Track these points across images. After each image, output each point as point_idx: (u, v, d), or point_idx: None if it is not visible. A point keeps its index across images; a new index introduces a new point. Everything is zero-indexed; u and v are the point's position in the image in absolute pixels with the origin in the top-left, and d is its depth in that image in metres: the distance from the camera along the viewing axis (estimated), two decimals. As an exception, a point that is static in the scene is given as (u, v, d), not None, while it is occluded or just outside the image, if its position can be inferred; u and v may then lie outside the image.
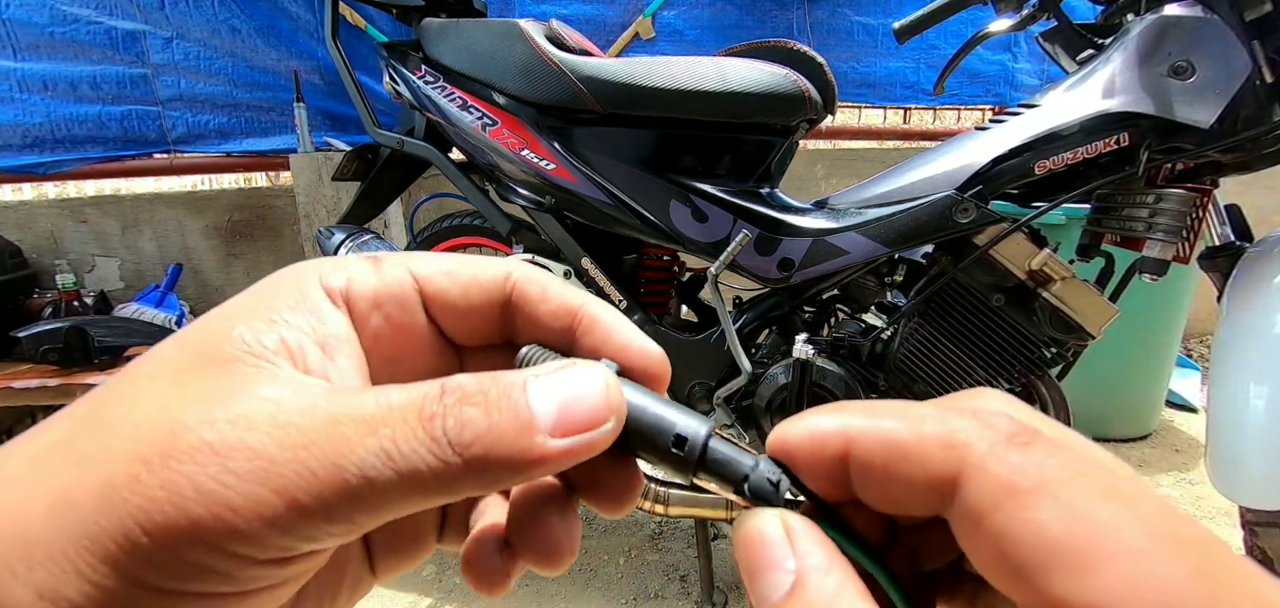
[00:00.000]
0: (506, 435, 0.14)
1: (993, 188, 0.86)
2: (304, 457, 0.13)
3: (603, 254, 1.05)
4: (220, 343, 0.15)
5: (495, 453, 0.14)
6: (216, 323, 0.16)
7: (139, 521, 0.12)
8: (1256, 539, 0.75)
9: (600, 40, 2.05)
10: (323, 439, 0.13)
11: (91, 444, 0.13)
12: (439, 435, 0.14)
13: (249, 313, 0.16)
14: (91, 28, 1.92)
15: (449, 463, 0.14)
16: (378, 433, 0.13)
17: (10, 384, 1.63)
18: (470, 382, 0.15)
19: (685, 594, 1.24)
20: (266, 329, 0.15)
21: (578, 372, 0.16)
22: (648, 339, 0.19)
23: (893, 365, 0.95)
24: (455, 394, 0.14)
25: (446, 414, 0.14)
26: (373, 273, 0.18)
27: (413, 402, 0.14)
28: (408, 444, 0.14)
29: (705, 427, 0.17)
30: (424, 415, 0.14)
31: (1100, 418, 1.79)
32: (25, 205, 2.19)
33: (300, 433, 0.13)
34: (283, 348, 0.15)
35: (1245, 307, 0.77)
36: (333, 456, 0.13)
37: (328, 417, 0.14)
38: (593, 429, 0.15)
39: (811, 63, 0.97)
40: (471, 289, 0.19)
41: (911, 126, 2.40)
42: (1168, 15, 0.77)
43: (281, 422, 0.13)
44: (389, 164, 1.21)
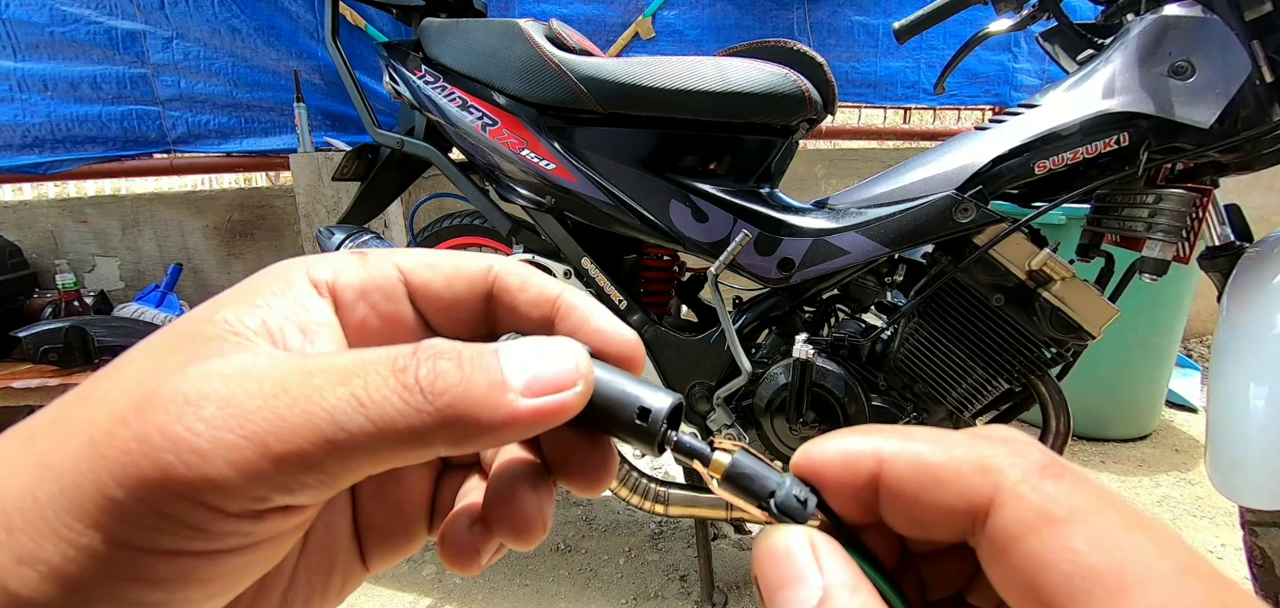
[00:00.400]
0: (477, 389, 0.14)
1: (993, 188, 0.86)
2: (275, 404, 0.13)
3: (603, 254, 1.05)
4: (202, 325, 0.15)
5: (465, 405, 0.14)
6: (203, 310, 0.16)
7: (114, 474, 0.12)
8: (1256, 539, 0.75)
9: (600, 40, 2.05)
10: (295, 388, 0.13)
11: (74, 416, 0.14)
12: (411, 383, 0.14)
13: (235, 300, 0.16)
14: (91, 28, 1.92)
15: (421, 411, 0.14)
16: (350, 382, 0.14)
17: (10, 384, 1.63)
18: (444, 343, 0.15)
19: (685, 594, 1.24)
20: (249, 312, 0.16)
21: (548, 341, 0.16)
22: (621, 324, 0.19)
23: (893, 365, 0.95)
24: (429, 350, 0.15)
25: (419, 365, 0.14)
26: (359, 266, 0.19)
27: (386, 355, 0.15)
28: (379, 392, 0.14)
29: (670, 398, 0.17)
30: (397, 367, 0.14)
31: (1100, 418, 1.79)
32: (25, 205, 2.19)
33: (273, 383, 0.13)
34: (263, 328, 0.16)
35: (1245, 307, 0.77)
36: (304, 402, 0.13)
37: (301, 369, 0.14)
38: (561, 392, 0.15)
39: (811, 63, 0.97)
40: (455, 281, 0.19)
41: (911, 127, 2.40)
42: (1168, 15, 0.77)
43: (254, 374, 0.14)
44: (389, 164, 1.21)
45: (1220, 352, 0.80)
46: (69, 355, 1.67)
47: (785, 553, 0.15)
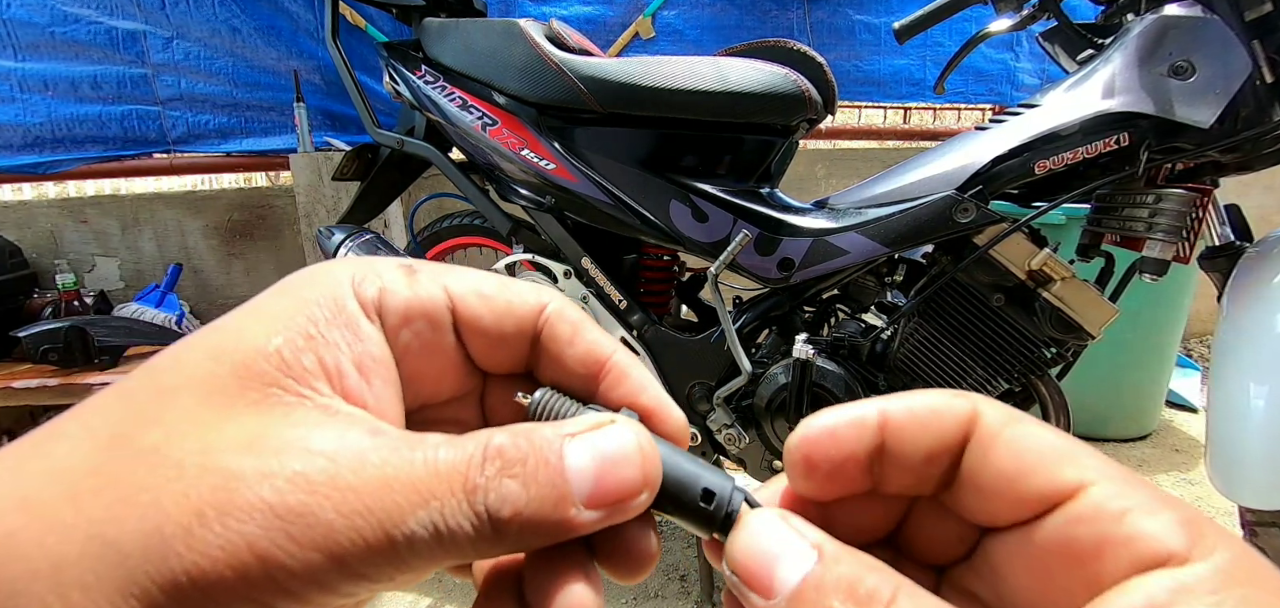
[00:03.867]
0: (544, 508, 0.14)
1: (993, 188, 0.86)
2: (359, 524, 0.13)
3: (603, 254, 1.04)
4: (257, 359, 0.15)
5: (531, 524, 0.14)
6: (250, 332, 0.15)
7: (191, 574, 0.12)
8: (1257, 539, 0.75)
9: (600, 40, 2.05)
10: (377, 507, 0.13)
11: (127, 478, 0.13)
12: (481, 510, 0.14)
13: (284, 323, 0.15)
14: (92, 27, 1.92)
15: (488, 539, 0.14)
16: (428, 506, 0.14)
17: (10, 384, 1.63)
18: (510, 445, 0.15)
19: (685, 594, 1.24)
20: (304, 346, 0.15)
21: (614, 437, 0.16)
22: (673, 403, 0.19)
23: (893, 365, 0.95)
24: (495, 462, 0.14)
25: (488, 488, 0.14)
26: (406, 285, 0.18)
27: (458, 469, 0.14)
28: (454, 519, 0.14)
29: (730, 484, 0.17)
30: (468, 487, 0.14)
31: (1100, 418, 1.79)
32: (25, 205, 2.19)
33: (357, 498, 0.13)
34: (321, 369, 0.15)
35: (1245, 307, 0.77)
36: (385, 523, 0.13)
37: (381, 481, 0.14)
38: (627, 502, 0.15)
39: (812, 63, 0.96)
40: (505, 318, 0.18)
41: (911, 126, 2.40)
42: (1168, 15, 0.77)
43: (340, 485, 0.13)
44: (389, 164, 1.21)
45: (1220, 352, 0.80)
46: (69, 355, 1.67)
47: (770, 527, 0.15)
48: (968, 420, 0.16)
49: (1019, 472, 0.15)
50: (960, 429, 0.16)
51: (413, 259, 0.19)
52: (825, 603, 0.14)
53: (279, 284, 0.17)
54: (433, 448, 0.14)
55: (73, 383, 1.62)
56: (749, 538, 0.15)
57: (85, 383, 1.61)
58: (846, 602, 0.13)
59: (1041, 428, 0.16)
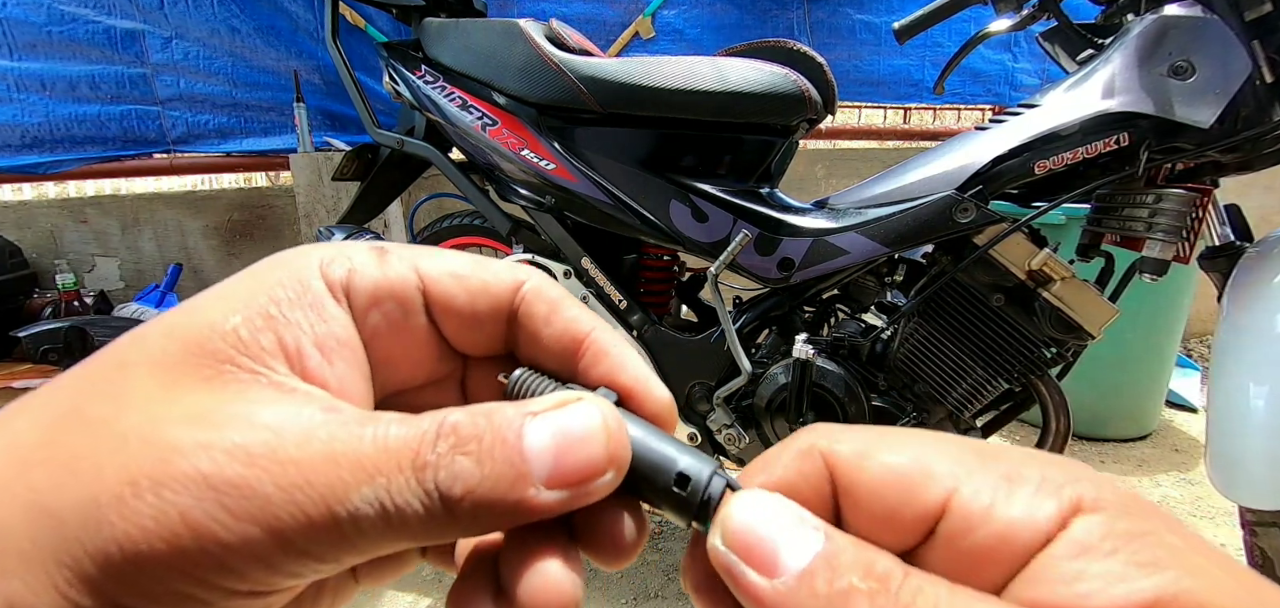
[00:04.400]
0: (499, 487, 0.14)
1: (993, 188, 0.86)
2: (299, 498, 0.13)
3: (603, 254, 1.04)
4: (212, 338, 0.14)
5: (486, 504, 0.14)
6: (210, 310, 0.15)
7: (122, 545, 0.12)
8: (1256, 539, 0.75)
9: (600, 40, 2.05)
10: (319, 481, 0.13)
11: (73, 449, 0.13)
12: (431, 487, 0.13)
13: (246, 302, 0.15)
14: (90, 27, 1.92)
15: (436, 513, 0.13)
16: (374, 481, 0.13)
17: (10, 384, 1.63)
18: (465, 422, 0.14)
19: (685, 594, 1.24)
20: (263, 326, 0.15)
21: (577, 413, 0.15)
22: (656, 379, 0.18)
23: (893, 365, 0.95)
24: (449, 439, 0.14)
25: (439, 465, 0.13)
26: (376, 265, 0.17)
27: (408, 445, 0.14)
28: (401, 496, 0.13)
29: (710, 466, 0.16)
30: (418, 464, 0.13)
31: (1100, 418, 1.79)
32: (25, 205, 2.19)
33: (298, 471, 0.13)
34: (279, 349, 0.15)
35: (1245, 307, 0.77)
36: (329, 498, 0.13)
37: (325, 455, 0.13)
38: (589, 481, 0.14)
39: (811, 63, 0.96)
40: (480, 297, 0.18)
41: (911, 126, 2.40)
42: (1168, 15, 0.77)
43: (280, 458, 0.13)
44: (389, 164, 1.21)
45: (1220, 352, 0.80)
46: (69, 355, 1.67)
47: (774, 507, 0.14)
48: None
49: (888, 506, 0.14)
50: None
51: (387, 242, 0.18)
52: (842, 580, 0.13)
53: (250, 267, 0.16)
54: (385, 425, 0.14)
55: (72, 383, 1.62)
56: (749, 514, 0.14)
57: (85, 383, 1.61)
58: (866, 579, 0.13)
59: (893, 451, 0.14)
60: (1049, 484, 0.13)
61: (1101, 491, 0.13)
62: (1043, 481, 0.14)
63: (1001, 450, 0.15)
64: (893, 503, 0.14)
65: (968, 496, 0.14)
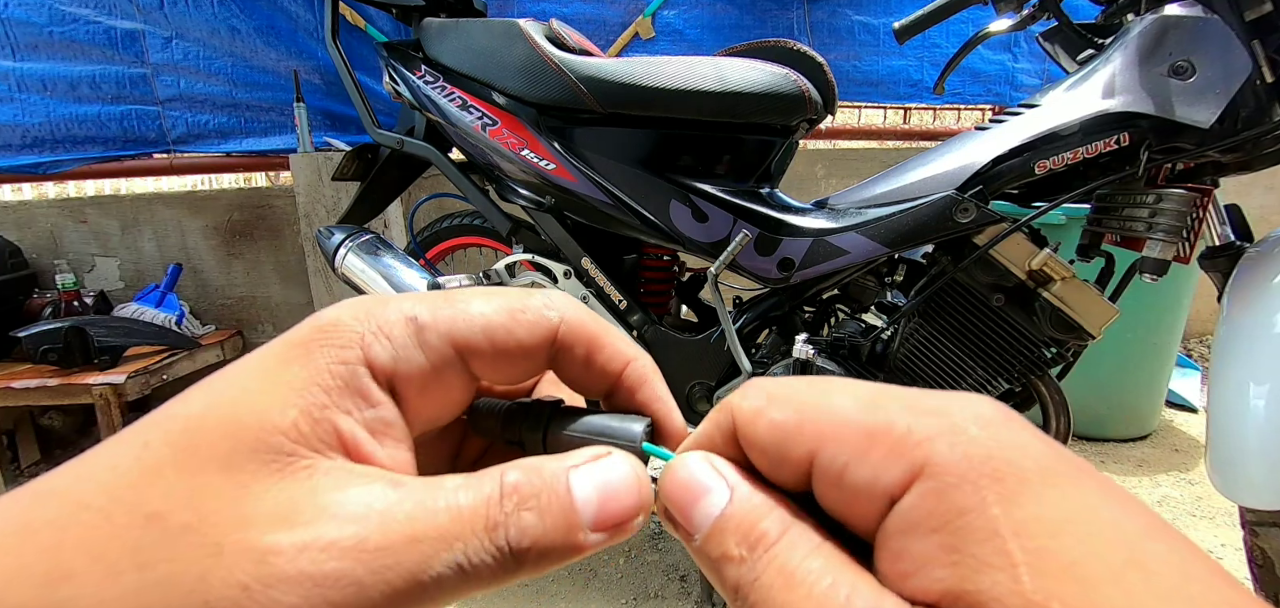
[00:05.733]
0: (556, 536, 0.16)
1: (993, 188, 0.86)
2: (390, 577, 0.14)
3: (603, 254, 1.04)
4: (273, 434, 0.15)
5: (547, 550, 0.16)
6: (263, 402, 0.16)
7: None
8: (1257, 539, 0.75)
9: (600, 40, 2.05)
10: (405, 559, 0.15)
11: (169, 559, 0.14)
12: (503, 544, 0.15)
13: (299, 394, 0.16)
14: (91, 27, 1.92)
15: (508, 568, 0.16)
16: (452, 548, 0.15)
17: (10, 384, 1.63)
18: (524, 483, 0.16)
19: (685, 594, 1.24)
20: (320, 417, 0.16)
21: (614, 467, 0.17)
22: (676, 410, 0.21)
23: (893, 365, 0.95)
24: (513, 499, 0.16)
25: (508, 525, 0.16)
26: (415, 346, 0.18)
27: (478, 511, 0.16)
28: (477, 555, 0.15)
29: None
30: (490, 526, 0.15)
31: (1100, 418, 1.79)
32: (25, 205, 2.19)
33: (385, 555, 0.14)
34: (336, 438, 0.16)
35: (1245, 307, 0.77)
36: (414, 572, 0.15)
37: (407, 537, 0.15)
38: (626, 524, 0.17)
39: (811, 63, 0.96)
40: (516, 355, 0.19)
41: (911, 127, 2.40)
42: (1168, 15, 0.77)
43: (369, 548, 0.14)
44: (389, 164, 1.21)
45: (1220, 352, 0.80)
46: (69, 355, 1.67)
47: (689, 472, 0.17)
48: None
49: (771, 459, 0.16)
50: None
51: (418, 303, 0.19)
52: (723, 544, 0.15)
53: (290, 343, 0.17)
54: (452, 492, 0.16)
55: (73, 383, 1.63)
56: (676, 476, 0.17)
57: (85, 383, 1.61)
58: (741, 544, 0.15)
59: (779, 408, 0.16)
60: (906, 442, 0.14)
61: (954, 447, 0.13)
62: (902, 437, 0.14)
63: (884, 399, 0.15)
64: (774, 457, 0.16)
65: (826, 457, 0.15)
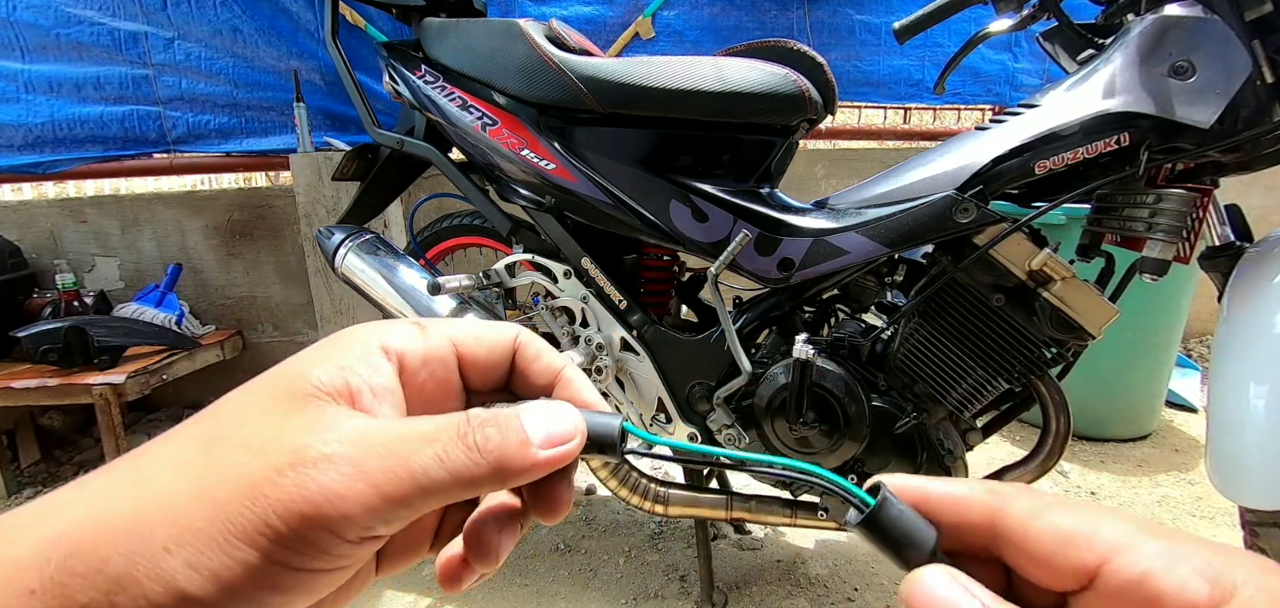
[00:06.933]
0: (513, 446, 0.21)
1: (993, 188, 0.86)
2: (388, 462, 0.19)
3: (603, 254, 1.04)
4: (302, 383, 0.20)
5: (506, 458, 0.20)
6: (299, 367, 0.21)
7: (277, 510, 0.17)
8: (1257, 540, 0.75)
9: (600, 40, 2.05)
10: (398, 450, 0.19)
11: (221, 455, 0.19)
12: (471, 445, 0.20)
13: (323, 360, 0.21)
14: (95, 28, 1.93)
15: (478, 464, 0.20)
16: (433, 444, 0.20)
17: (10, 384, 1.63)
18: (485, 413, 0.21)
19: (685, 594, 1.24)
20: (336, 374, 0.21)
21: (555, 406, 0.23)
22: (602, 401, 0.26)
23: (893, 365, 0.95)
24: (477, 419, 0.21)
25: (474, 431, 0.20)
26: (420, 338, 0.24)
27: (452, 423, 0.20)
28: (452, 452, 0.20)
29: (618, 419, 0.24)
30: (461, 433, 0.20)
31: (1100, 418, 1.79)
32: (25, 205, 2.19)
33: (384, 447, 0.19)
34: (346, 390, 0.21)
35: (1245, 307, 0.77)
36: (406, 460, 0.19)
37: (399, 435, 0.20)
38: (567, 442, 0.22)
39: (811, 63, 0.96)
40: (493, 351, 0.25)
41: (911, 127, 2.40)
42: (1168, 15, 0.77)
43: (370, 441, 0.19)
44: (389, 164, 1.21)
45: (1220, 352, 0.80)
46: (68, 355, 1.67)
47: (947, 591, 0.18)
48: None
49: (1051, 555, 0.18)
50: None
51: (421, 319, 0.26)
52: None
53: (326, 338, 0.23)
54: (428, 420, 0.20)
55: (72, 383, 1.63)
56: (927, 591, 0.18)
57: (85, 383, 1.61)
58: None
59: (1063, 514, 0.18)
60: (1208, 569, 0.16)
61: (1263, 583, 0.15)
62: (1204, 564, 0.16)
63: (1174, 532, 0.17)
64: (1054, 557, 0.18)
65: (1125, 562, 0.17)
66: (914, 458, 0.95)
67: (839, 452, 0.96)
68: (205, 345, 1.96)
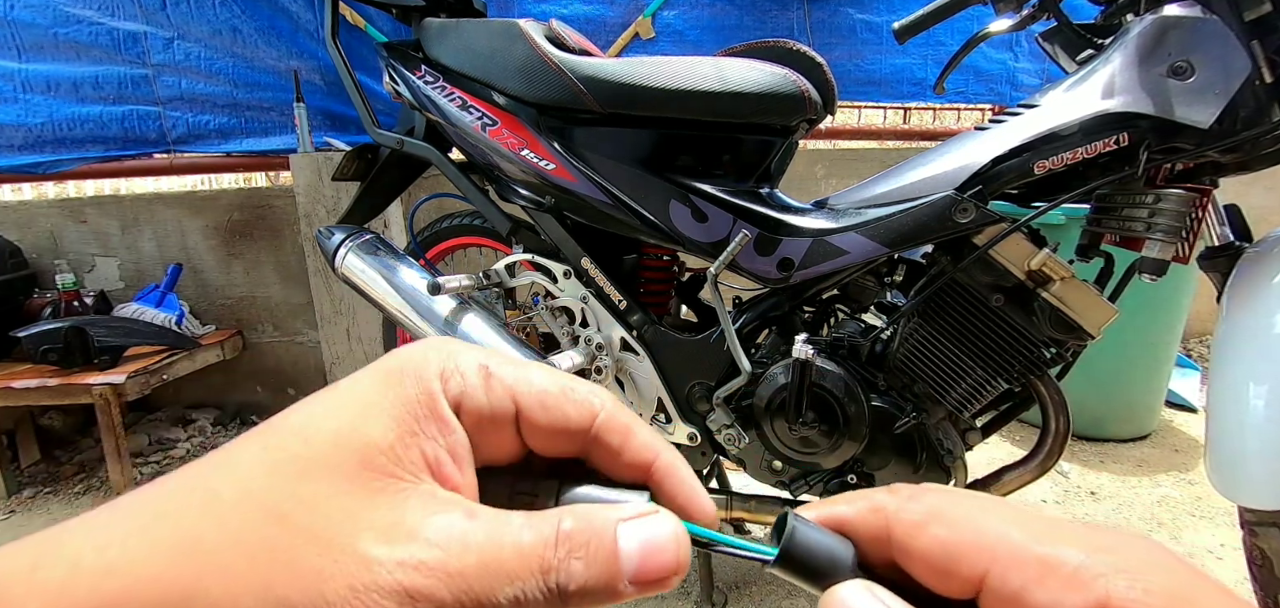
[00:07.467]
0: (599, 584, 0.19)
1: (992, 188, 0.86)
2: (464, 600, 0.17)
3: (603, 254, 1.04)
4: (376, 454, 0.19)
5: (589, 593, 0.18)
6: (366, 427, 0.19)
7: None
8: (1256, 540, 0.75)
9: (600, 40, 2.05)
10: (477, 585, 0.18)
11: (288, 543, 0.17)
12: (553, 585, 0.18)
13: (394, 420, 0.20)
14: (94, 28, 1.92)
15: (556, 601, 0.18)
16: (514, 583, 0.18)
17: (10, 384, 1.63)
18: (577, 531, 0.19)
19: (685, 594, 1.24)
20: (410, 442, 0.19)
21: (659, 524, 0.20)
22: (708, 498, 0.23)
23: (892, 365, 0.95)
24: (566, 546, 0.19)
25: (560, 568, 0.18)
26: (484, 391, 0.22)
27: (536, 552, 0.18)
28: (532, 592, 0.18)
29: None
30: (544, 568, 0.18)
31: (1100, 418, 1.79)
32: (25, 205, 2.19)
33: (463, 579, 0.18)
34: (423, 462, 0.20)
35: (1245, 307, 0.77)
36: (482, 600, 0.18)
37: (479, 567, 0.18)
38: (664, 580, 0.19)
39: (811, 63, 0.96)
40: (560, 426, 0.22)
41: (911, 127, 2.40)
42: (1167, 15, 0.77)
43: (449, 570, 0.18)
44: (389, 164, 1.21)
45: (1220, 352, 0.80)
46: (69, 355, 1.67)
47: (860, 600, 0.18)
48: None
49: (936, 572, 0.18)
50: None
51: (491, 356, 0.23)
52: None
53: (382, 371, 0.21)
54: (517, 530, 0.19)
55: (73, 383, 1.63)
56: (843, 601, 0.18)
57: (85, 383, 1.61)
58: None
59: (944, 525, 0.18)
60: (1084, 573, 0.16)
61: (1135, 585, 0.15)
62: (1079, 568, 0.16)
63: (1057, 529, 0.17)
64: (939, 569, 0.18)
65: (997, 580, 0.17)
66: (913, 458, 0.95)
67: (838, 452, 0.96)
68: (205, 345, 1.96)
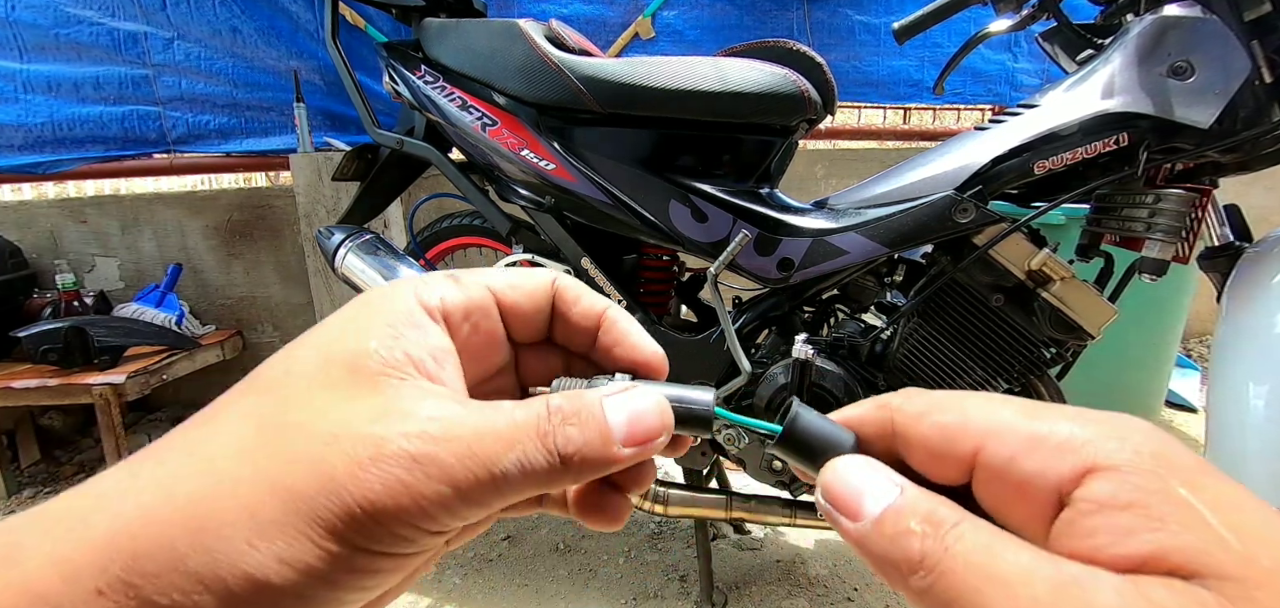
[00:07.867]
0: (595, 446, 0.20)
1: (992, 188, 0.86)
2: (469, 463, 0.18)
3: (603, 254, 1.04)
4: (361, 357, 0.20)
5: (587, 459, 0.20)
6: (349, 337, 0.20)
7: (360, 503, 0.17)
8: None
9: (600, 40, 2.05)
10: (478, 451, 0.19)
11: (288, 441, 0.18)
12: (552, 449, 0.19)
13: (374, 329, 0.21)
14: (94, 29, 1.92)
15: (557, 467, 0.20)
16: (514, 448, 0.19)
17: (10, 384, 1.63)
18: (566, 405, 0.20)
19: (685, 594, 1.24)
20: (393, 344, 0.20)
21: (641, 395, 0.21)
22: (651, 341, 0.25)
23: (892, 365, 0.95)
24: (558, 416, 0.20)
25: (555, 432, 0.20)
26: (456, 290, 0.23)
27: (531, 422, 0.20)
28: (533, 455, 0.19)
29: (710, 394, 0.23)
30: (541, 433, 0.20)
31: (1100, 418, 1.78)
32: (25, 205, 2.19)
33: (464, 446, 0.19)
34: (408, 360, 0.20)
35: (1245, 307, 0.77)
36: (487, 463, 0.19)
37: (478, 435, 0.19)
38: (651, 440, 0.21)
39: (811, 63, 0.96)
40: (532, 296, 0.24)
41: (911, 127, 2.40)
42: (1167, 15, 0.77)
43: (450, 437, 0.19)
44: (389, 164, 1.21)
45: (1220, 352, 0.80)
46: (69, 355, 1.67)
47: (858, 472, 0.19)
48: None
49: (937, 452, 0.19)
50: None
51: (453, 270, 0.24)
52: (904, 523, 0.17)
53: (357, 300, 0.22)
54: (510, 411, 0.20)
55: (73, 383, 1.63)
56: (840, 475, 0.19)
57: (85, 383, 1.61)
58: (923, 524, 0.17)
59: (944, 412, 0.19)
60: (1072, 441, 0.16)
61: (1123, 447, 0.16)
62: (1066, 439, 0.17)
63: (1044, 411, 0.18)
64: (939, 453, 0.19)
65: (991, 452, 0.18)
66: (913, 458, 0.95)
67: (838, 452, 0.96)
68: (205, 345, 1.96)
